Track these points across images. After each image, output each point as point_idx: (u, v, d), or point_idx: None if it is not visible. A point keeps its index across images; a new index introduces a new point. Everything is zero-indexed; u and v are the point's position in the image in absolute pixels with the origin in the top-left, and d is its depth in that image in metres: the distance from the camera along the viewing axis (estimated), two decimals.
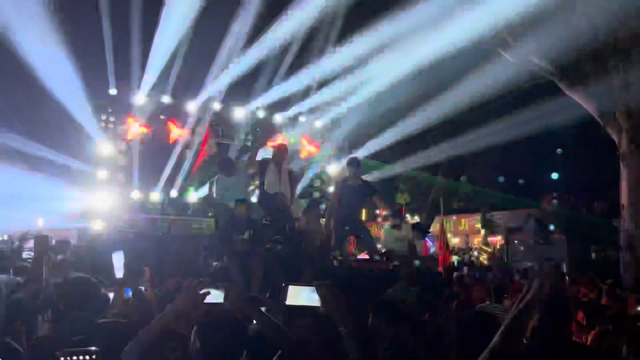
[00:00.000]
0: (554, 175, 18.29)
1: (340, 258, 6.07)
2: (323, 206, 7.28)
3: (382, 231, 6.51)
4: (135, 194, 8.55)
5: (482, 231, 21.44)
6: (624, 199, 12.68)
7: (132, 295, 3.70)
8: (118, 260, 4.98)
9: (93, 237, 7.45)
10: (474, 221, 22.01)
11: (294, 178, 7.05)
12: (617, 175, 12.92)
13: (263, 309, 2.67)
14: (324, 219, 6.87)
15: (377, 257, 6.04)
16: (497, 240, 21.03)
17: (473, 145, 17.20)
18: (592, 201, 16.27)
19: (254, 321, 2.75)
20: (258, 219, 5.95)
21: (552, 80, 13.49)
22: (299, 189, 8.16)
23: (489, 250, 19.75)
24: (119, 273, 4.04)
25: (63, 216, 8.23)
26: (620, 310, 5.33)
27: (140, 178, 8.63)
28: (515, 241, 16.35)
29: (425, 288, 5.38)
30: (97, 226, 7.59)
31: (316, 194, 8.79)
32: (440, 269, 10.63)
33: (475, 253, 19.77)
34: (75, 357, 1.98)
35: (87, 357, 1.98)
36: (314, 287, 2.36)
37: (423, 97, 16.70)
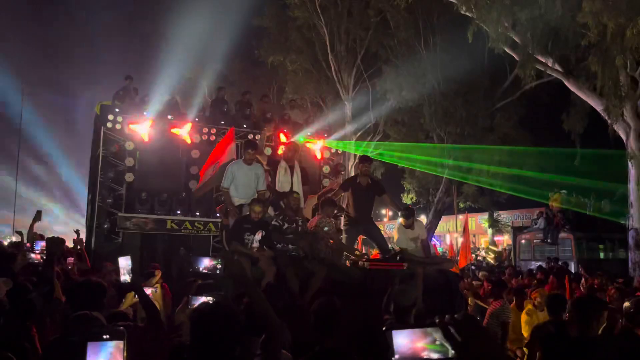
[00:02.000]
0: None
1: (353, 258, 5.98)
2: None
3: (394, 230, 6.37)
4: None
5: (489, 231, 21.37)
6: (632, 197, 12.62)
7: (140, 301, 3.70)
8: (124, 265, 5.03)
9: None
10: (481, 221, 21.95)
11: (306, 176, 6.92)
12: (625, 173, 12.85)
13: None
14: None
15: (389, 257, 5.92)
16: (504, 239, 20.96)
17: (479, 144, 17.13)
18: (600, 200, 16.17)
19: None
20: (270, 219, 5.82)
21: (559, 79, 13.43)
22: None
23: (496, 249, 19.68)
24: (125, 277, 4.08)
25: None
26: None
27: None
28: (522, 241, 16.23)
29: (441, 290, 5.34)
30: None
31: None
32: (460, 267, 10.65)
33: (483, 253, 19.70)
34: None
35: None
36: (436, 328, 1.46)
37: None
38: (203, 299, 4.39)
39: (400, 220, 6.14)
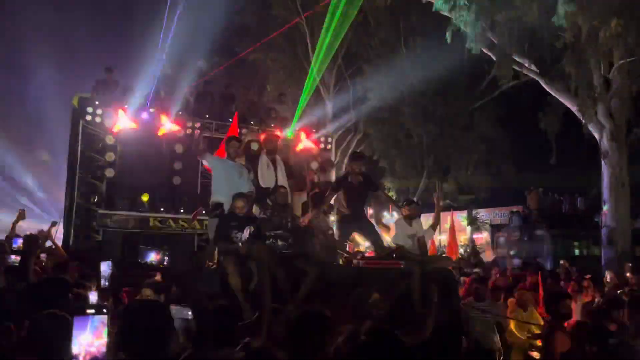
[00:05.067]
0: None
1: (347, 256, 5.82)
2: None
3: (392, 225, 6.20)
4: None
5: (468, 229, 21.66)
6: (605, 195, 12.96)
7: (114, 305, 3.66)
8: (105, 270, 4.95)
9: None
10: (459, 218, 22.22)
11: (289, 170, 6.69)
12: (598, 172, 13.20)
13: None
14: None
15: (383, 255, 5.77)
16: (484, 237, 21.29)
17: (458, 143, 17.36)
18: (575, 198, 16.59)
19: None
20: (257, 215, 5.63)
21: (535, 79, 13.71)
22: None
23: (475, 247, 19.98)
24: (105, 283, 4.02)
25: None
26: None
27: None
28: (500, 238, 16.52)
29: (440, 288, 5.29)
30: None
31: None
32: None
33: (461, 250, 19.96)
34: None
35: None
36: None
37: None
38: None
39: (406, 212, 5.96)
